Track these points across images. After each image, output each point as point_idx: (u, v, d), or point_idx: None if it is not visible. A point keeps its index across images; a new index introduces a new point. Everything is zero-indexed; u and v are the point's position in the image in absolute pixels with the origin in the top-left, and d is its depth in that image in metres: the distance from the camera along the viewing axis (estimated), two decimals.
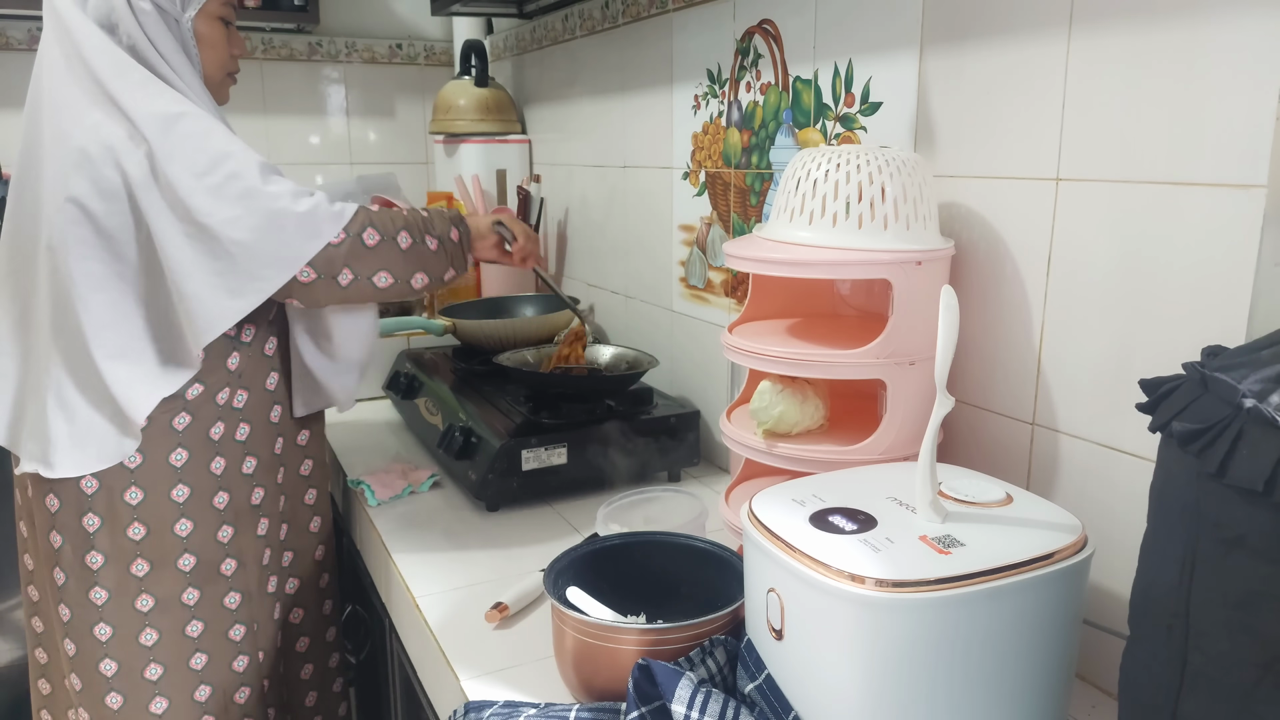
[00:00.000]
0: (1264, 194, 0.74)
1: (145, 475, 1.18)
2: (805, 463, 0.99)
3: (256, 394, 1.26)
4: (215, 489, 1.23)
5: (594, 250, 1.99)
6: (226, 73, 1.28)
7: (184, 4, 1.19)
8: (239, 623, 1.27)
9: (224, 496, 1.24)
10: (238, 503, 1.25)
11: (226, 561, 1.25)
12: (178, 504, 1.20)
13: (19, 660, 2.15)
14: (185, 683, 1.24)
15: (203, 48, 1.22)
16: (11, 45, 2.32)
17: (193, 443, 1.20)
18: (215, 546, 1.24)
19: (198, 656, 1.24)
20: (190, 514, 1.21)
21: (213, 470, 1.22)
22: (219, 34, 1.24)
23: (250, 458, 1.26)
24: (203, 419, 1.21)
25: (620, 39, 1.76)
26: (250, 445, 1.26)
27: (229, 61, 1.27)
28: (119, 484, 1.17)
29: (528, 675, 0.95)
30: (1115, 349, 0.88)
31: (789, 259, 0.96)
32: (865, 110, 1.16)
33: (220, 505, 1.24)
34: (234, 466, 1.24)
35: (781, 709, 0.75)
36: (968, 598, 0.68)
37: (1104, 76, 0.86)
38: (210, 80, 1.25)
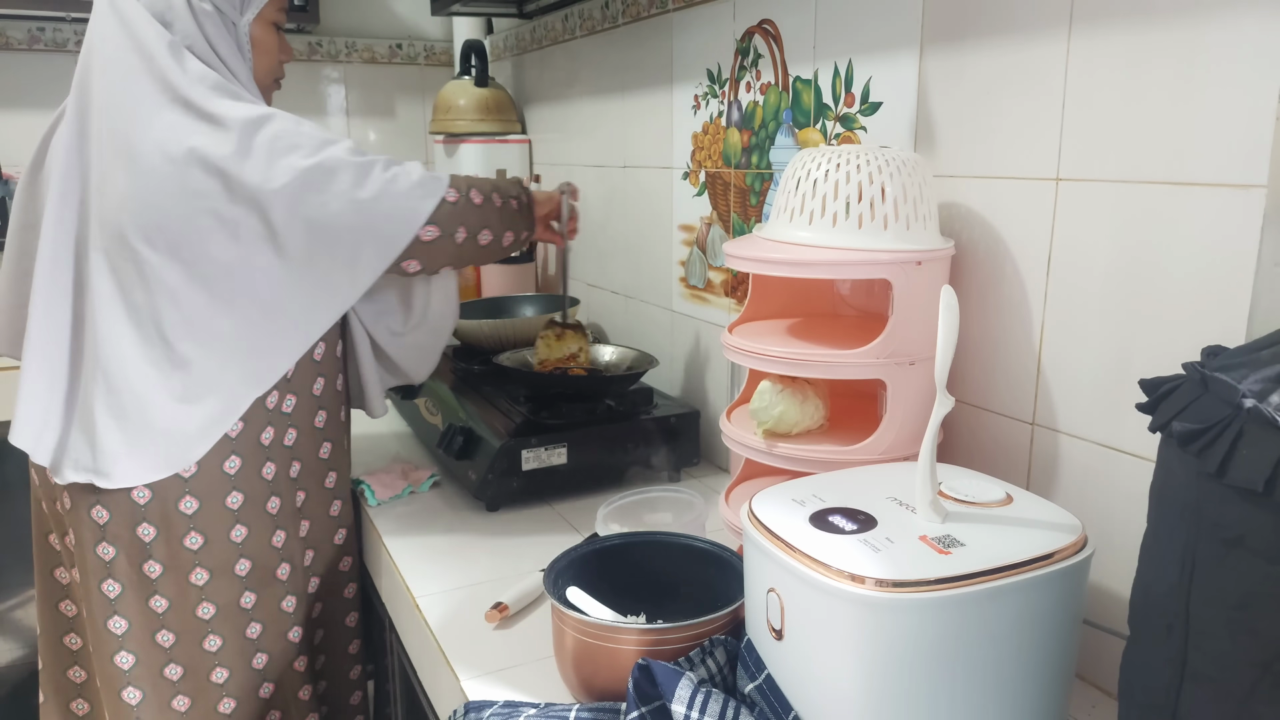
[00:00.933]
0: (1264, 194, 0.74)
1: (200, 484, 1.16)
2: (805, 463, 0.99)
3: (304, 400, 1.25)
4: (268, 494, 1.22)
5: (594, 250, 1.99)
6: (275, 78, 1.27)
7: (243, 6, 1.18)
8: (296, 625, 1.27)
9: (276, 501, 1.23)
10: (287, 507, 1.24)
11: (281, 566, 1.24)
12: (233, 511, 1.19)
13: (19, 660, 2.15)
14: (249, 682, 1.24)
15: (256, 53, 1.22)
16: (11, 45, 2.32)
17: (244, 449, 1.19)
18: (270, 551, 1.22)
19: (259, 657, 1.24)
20: (244, 520, 1.20)
21: (264, 475, 1.21)
22: (272, 39, 1.23)
23: (296, 462, 1.25)
24: (254, 425, 1.19)
25: (620, 39, 1.76)
26: (296, 450, 1.25)
27: (278, 67, 1.27)
28: (173, 494, 1.14)
29: (528, 675, 0.95)
30: (1115, 349, 0.88)
31: (789, 259, 0.96)
32: (865, 110, 1.16)
33: (273, 510, 1.23)
34: (283, 471, 1.23)
35: (781, 709, 0.75)
36: (968, 598, 0.68)
37: (1104, 76, 0.86)
38: (260, 86, 1.24)
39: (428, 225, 1.15)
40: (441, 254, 1.20)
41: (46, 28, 2.34)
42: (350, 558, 1.37)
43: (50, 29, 2.34)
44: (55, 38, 2.35)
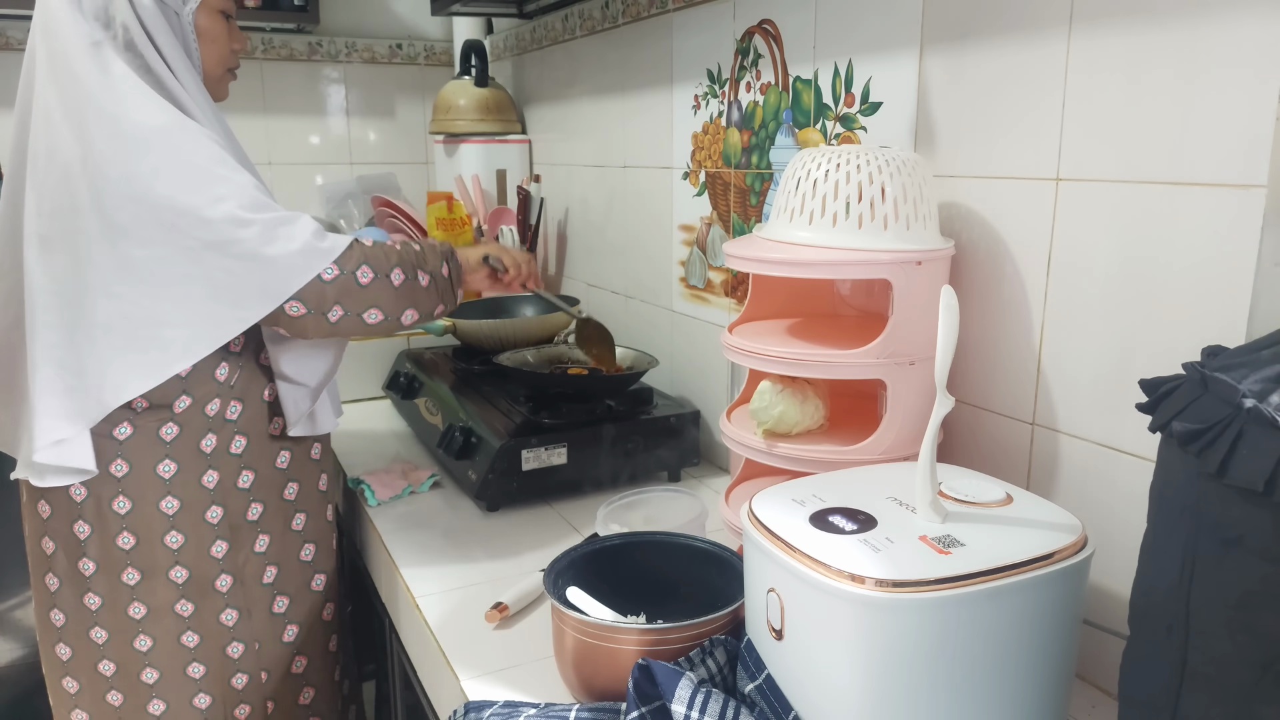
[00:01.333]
0: (1264, 194, 0.74)
1: (132, 485, 1.17)
2: (805, 463, 0.99)
3: (252, 406, 1.23)
4: (208, 503, 1.21)
5: (594, 250, 1.99)
6: (226, 68, 1.25)
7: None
8: (237, 640, 1.26)
9: (217, 511, 1.22)
10: (232, 518, 1.23)
11: (221, 577, 1.23)
12: (167, 516, 1.19)
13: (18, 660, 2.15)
14: (183, 688, 1.24)
15: (203, 42, 1.20)
16: (11, 45, 2.32)
17: (182, 454, 1.18)
18: (208, 561, 1.22)
19: (194, 666, 1.24)
20: (180, 527, 1.19)
21: (204, 484, 1.20)
22: (220, 28, 1.21)
23: (247, 471, 1.24)
24: (192, 430, 1.18)
25: (620, 39, 1.76)
26: (247, 459, 1.24)
27: (229, 57, 1.24)
28: (107, 492, 1.16)
29: (528, 675, 0.95)
30: (1115, 349, 0.88)
31: (789, 259, 0.96)
32: (865, 110, 1.16)
33: (213, 520, 1.22)
34: (228, 480, 1.22)
35: (781, 709, 0.75)
36: (968, 598, 0.68)
37: (1104, 76, 0.86)
38: (209, 76, 1.22)
39: (291, 301, 1.10)
40: (314, 328, 1.14)
41: None
42: (324, 575, 1.34)
43: None
44: None
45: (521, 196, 2.09)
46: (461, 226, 2.16)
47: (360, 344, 1.93)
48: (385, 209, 2.45)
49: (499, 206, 2.21)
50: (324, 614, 1.36)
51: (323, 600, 1.35)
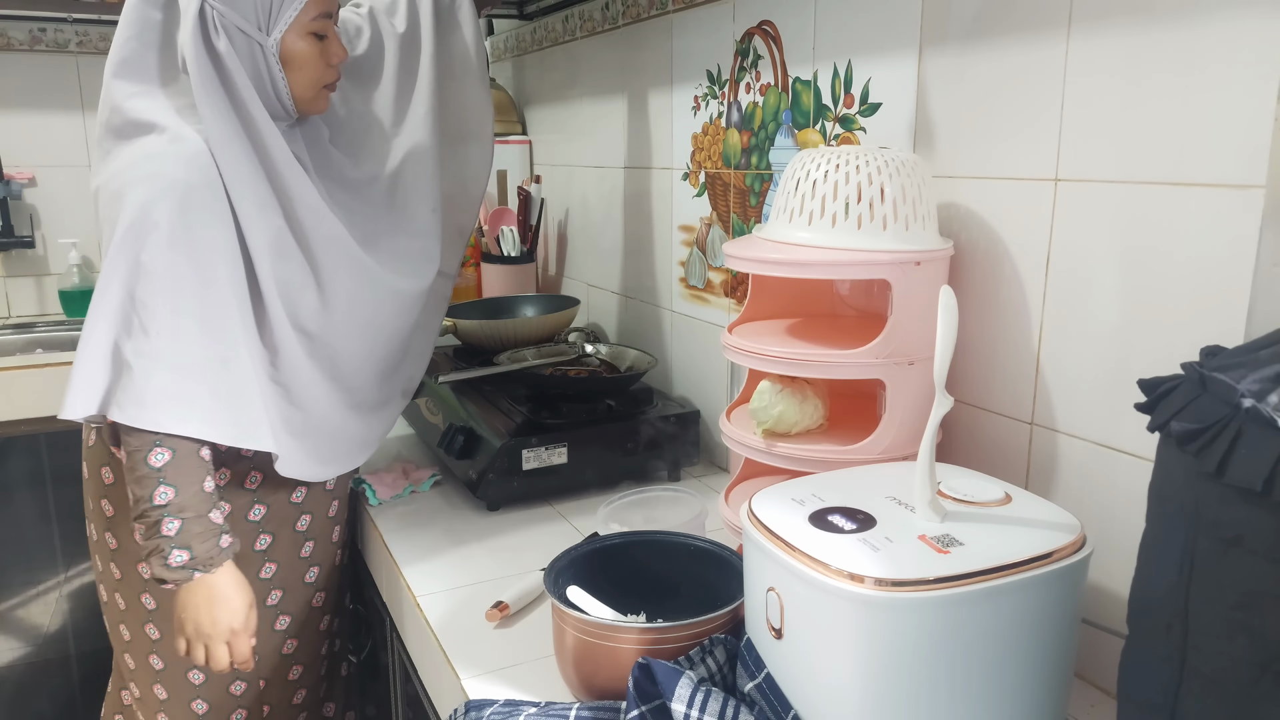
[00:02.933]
0: (1263, 194, 0.74)
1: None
2: (805, 462, 0.99)
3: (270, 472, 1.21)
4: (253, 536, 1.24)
5: (594, 251, 1.99)
6: (322, 85, 1.18)
7: (269, 22, 1.09)
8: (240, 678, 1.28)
9: None
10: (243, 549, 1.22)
11: None
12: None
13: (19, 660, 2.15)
14: (183, 691, 1.26)
15: (290, 70, 1.13)
16: (12, 45, 2.32)
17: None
18: None
19: (194, 673, 1.26)
20: None
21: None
22: (310, 49, 1.14)
23: (259, 505, 1.24)
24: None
25: (620, 40, 1.76)
26: (260, 493, 1.24)
27: (323, 73, 1.17)
28: None
29: (528, 674, 0.95)
30: (1114, 349, 0.88)
31: (789, 259, 0.96)
32: (864, 111, 1.16)
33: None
34: (239, 513, 1.22)
35: (781, 708, 0.75)
36: (967, 597, 0.68)
37: (1103, 77, 0.86)
38: (300, 99, 1.16)
39: None
40: None
41: (48, 28, 2.34)
42: (324, 594, 1.35)
43: (52, 30, 2.34)
44: (57, 38, 2.35)
45: (522, 197, 2.09)
46: None
47: None
48: None
49: (499, 207, 2.21)
50: (320, 625, 1.38)
51: (318, 616, 1.36)
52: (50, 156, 2.39)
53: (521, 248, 2.09)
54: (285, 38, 1.11)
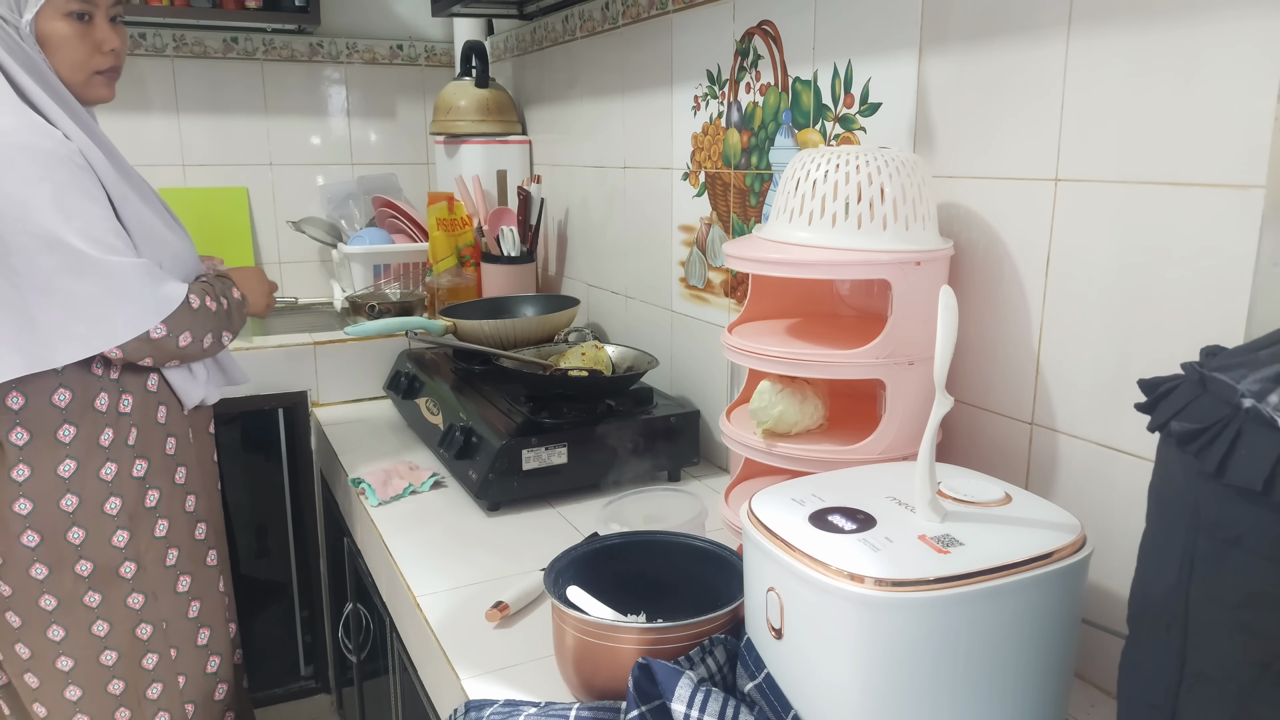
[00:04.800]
0: (1262, 194, 0.74)
1: (32, 488, 1.20)
2: (805, 462, 0.99)
3: (138, 396, 1.26)
4: (107, 495, 1.24)
5: (594, 250, 1.99)
6: (94, 71, 1.21)
7: (20, 5, 1.13)
8: (145, 621, 1.29)
9: (116, 502, 1.25)
10: (131, 506, 1.26)
11: (125, 565, 1.27)
12: (68, 513, 1.22)
13: None
14: (97, 676, 1.27)
15: (49, 50, 1.17)
16: None
17: (80, 452, 1.21)
18: (111, 551, 1.25)
19: (106, 654, 1.27)
20: (81, 522, 1.23)
21: (102, 476, 1.23)
22: (67, 30, 1.17)
23: (140, 460, 1.27)
24: (88, 426, 1.21)
25: (620, 40, 1.76)
26: (139, 448, 1.27)
27: (91, 58, 1.20)
28: (7, 496, 1.19)
29: (528, 674, 0.95)
30: (1114, 349, 0.88)
31: (789, 259, 0.96)
32: (864, 111, 1.16)
33: (113, 511, 1.25)
34: (124, 470, 1.25)
35: (781, 708, 0.75)
36: (967, 597, 0.68)
37: (1103, 77, 0.86)
38: (70, 83, 1.19)
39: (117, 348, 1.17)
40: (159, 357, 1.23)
41: None
42: (215, 551, 1.40)
43: None
44: None
45: (522, 197, 2.09)
46: (462, 227, 2.16)
47: (361, 344, 1.93)
48: (386, 209, 2.45)
49: (499, 207, 2.21)
50: (219, 586, 1.41)
51: (217, 575, 1.41)
52: None
53: (521, 248, 2.09)
54: (39, 19, 1.15)
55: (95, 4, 1.19)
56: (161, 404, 1.30)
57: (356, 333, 1.68)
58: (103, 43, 1.20)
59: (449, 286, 2.12)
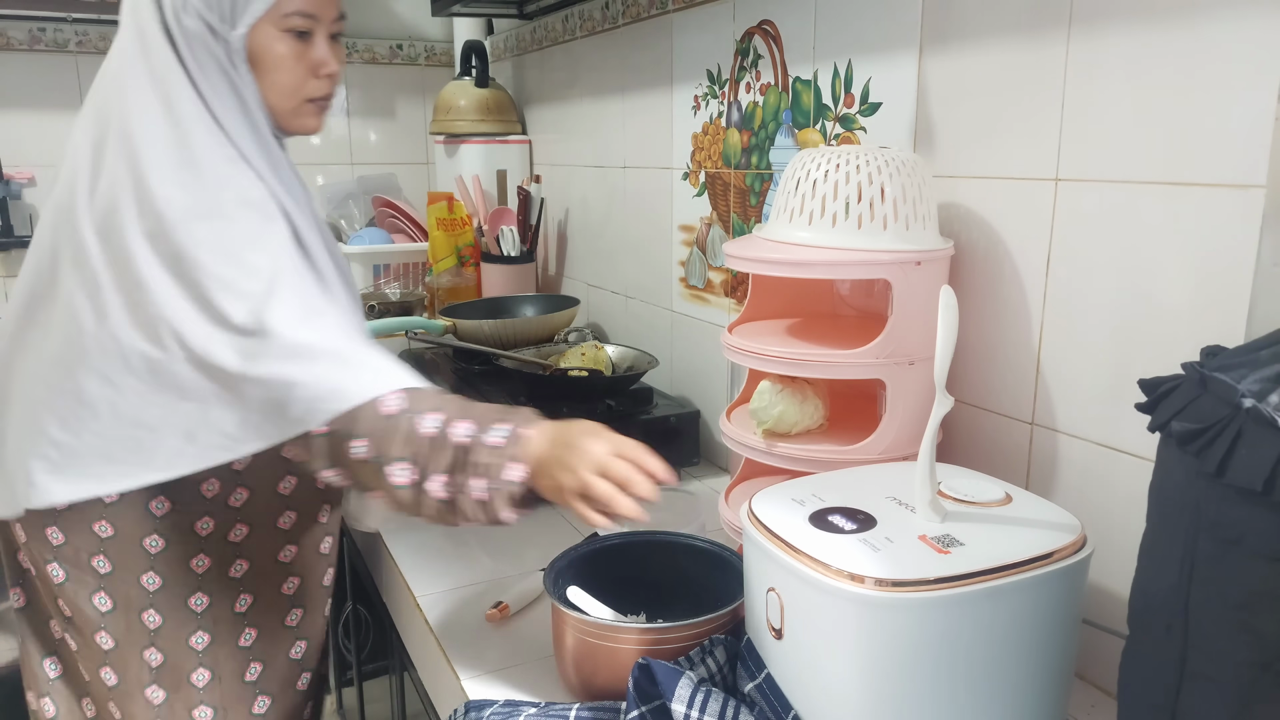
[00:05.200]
0: (1263, 194, 0.74)
1: (114, 547, 1.04)
2: (805, 462, 0.99)
3: (263, 495, 1.09)
4: (194, 588, 1.07)
5: (594, 250, 1.99)
6: (305, 99, 1.03)
7: (233, 15, 0.95)
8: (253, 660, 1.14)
9: (203, 599, 1.08)
10: (218, 609, 1.09)
11: (199, 671, 1.10)
12: (148, 591, 1.05)
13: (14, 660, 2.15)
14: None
15: (259, 72, 0.98)
16: (12, 45, 2.32)
17: (170, 532, 1.05)
18: (186, 651, 1.08)
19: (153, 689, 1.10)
20: (159, 606, 1.06)
21: (192, 568, 1.07)
22: (283, 49, 0.98)
23: (242, 560, 1.10)
24: (184, 509, 1.04)
25: (620, 40, 1.76)
26: (244, 549, 1.10)
27: (304, 83, 1.01)
28: (86, 546, 1.03)
29: (528, 674, 0.95)
30: (1114, 348, 0.88)
31: (789, 259, 0.96)
32: (865, 111, 1.16)
33: (197, 608, 1.08)
34: (221, 568, 1.09)
35: (781, 708, 0.75)
36: (967, 597, 0.68)
37: (1103, 77, 0.86)
38: (277, 110, 1.01)
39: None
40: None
41: (47, 28, 2.34)
42: (309, 673, 1.21)
43: (51, 29, 2.34)
44: (56, 38, 2.35)
45: (522, 197, 2.09)
46: (462, 227, 2.16)
47: None
48: (386, 209, 2.45)
49: (499, 207, 2.21)
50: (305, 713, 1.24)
51: (304, 701, 1.23)
52: (50, 156, 2.39)
53: (521, 247, 2.09)
54: (253, 33, 0.96)
55: (319, 18, 1.00)
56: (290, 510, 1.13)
57: None
58: (321, 65, 1.02)
59: (449, 286, 2.12)
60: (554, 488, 0.84)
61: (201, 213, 0.92)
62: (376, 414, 0.87)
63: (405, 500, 0.87)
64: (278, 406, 0.88)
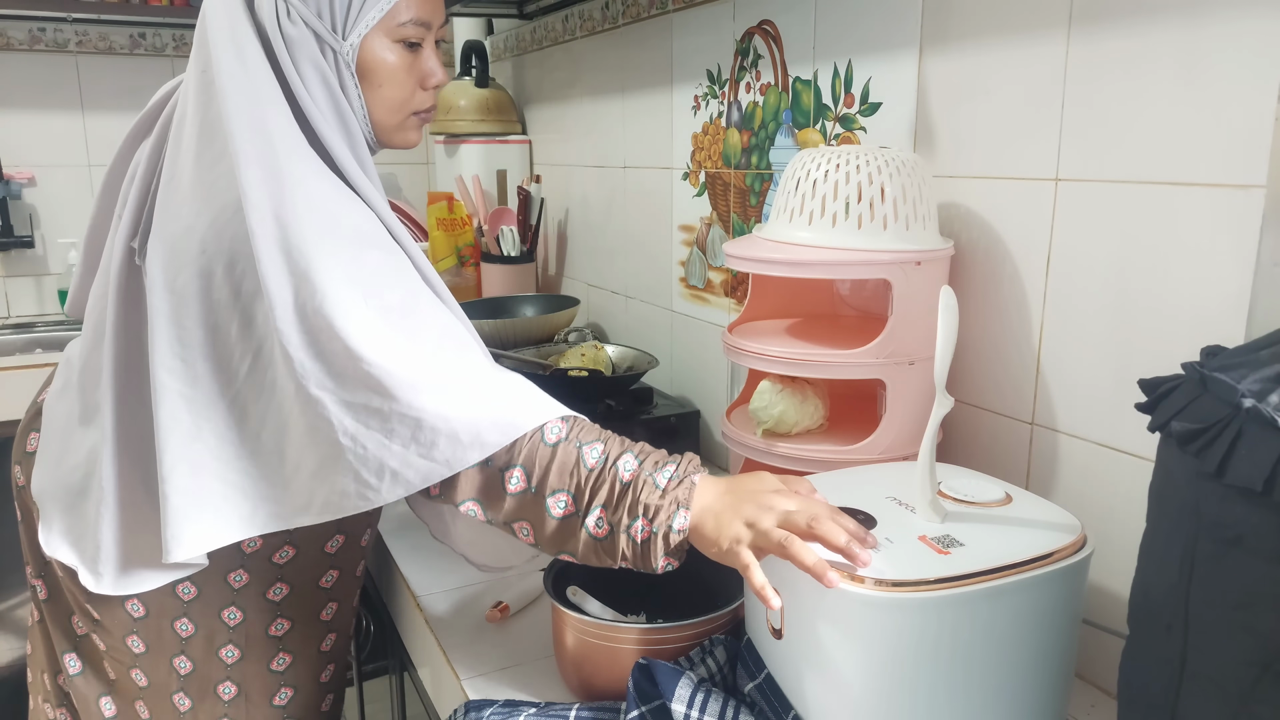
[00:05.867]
0: (1263, 194, 0.74)
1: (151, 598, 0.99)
2: (805, 462, 0.99)
3: (307, 554, 1.06)
4: (226, 639, 1.04)
5: (594, 250, 1.99)
6: (410, 112, 0.97)
7: (345, 24, 0.88)
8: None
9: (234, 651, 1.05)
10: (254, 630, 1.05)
11: (225, 684, 1.07)
12: (180, 638, 1.02)
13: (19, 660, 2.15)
14: None
15: (367, 86, 0.91)
16: (12, 45, 2.32)
17: (204, 581, 1.00)
18: (216, 664, 1.05)
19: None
20: (191, 653, 1.04)
21: (224, 619, 1.04)
22: (396, 60, 0.92)
23: (283, 620, 1.08)
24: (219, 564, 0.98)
25: (620, 39, 1.76)
26: (284, 608, 1.07)
27: (412, 96, 0.95)
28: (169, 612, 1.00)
29: (528, 675, 0.95)
30: (1114, 348, 0.88)
31: (789, 259, 0.96)
32: (865, 111, 1.16)
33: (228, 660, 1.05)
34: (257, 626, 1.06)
35: (781, 708, 0.75)
36: (967, 597, 0.68)
37: (1103, 76, 0.86)
38: (381, 126, 0.96)
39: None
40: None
41: (48, 28, 2.34)
42: (331, 695, 1.19)
43: (51, 29, 2.34)
44: (56, 38, 2.35)
45: (522, 197, 2.09)
46: (462, 227, 2.16)
47: None
48: None
49: (499, 207, 2.21)
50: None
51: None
52: (50, 156, 2.39)
53: (521, 247, 2.09)
54: (365, 44, 0.90)
55: (430, 26, 0.93)
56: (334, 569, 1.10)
57: None
58: (429, 76, 0.95)
59: (449, 286, 2.12)
60: (715, 540, 0.76)
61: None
62: (538, 443, 0.81)
63: (553, 534, 0.81)
64: (443, 438, 0.81)
